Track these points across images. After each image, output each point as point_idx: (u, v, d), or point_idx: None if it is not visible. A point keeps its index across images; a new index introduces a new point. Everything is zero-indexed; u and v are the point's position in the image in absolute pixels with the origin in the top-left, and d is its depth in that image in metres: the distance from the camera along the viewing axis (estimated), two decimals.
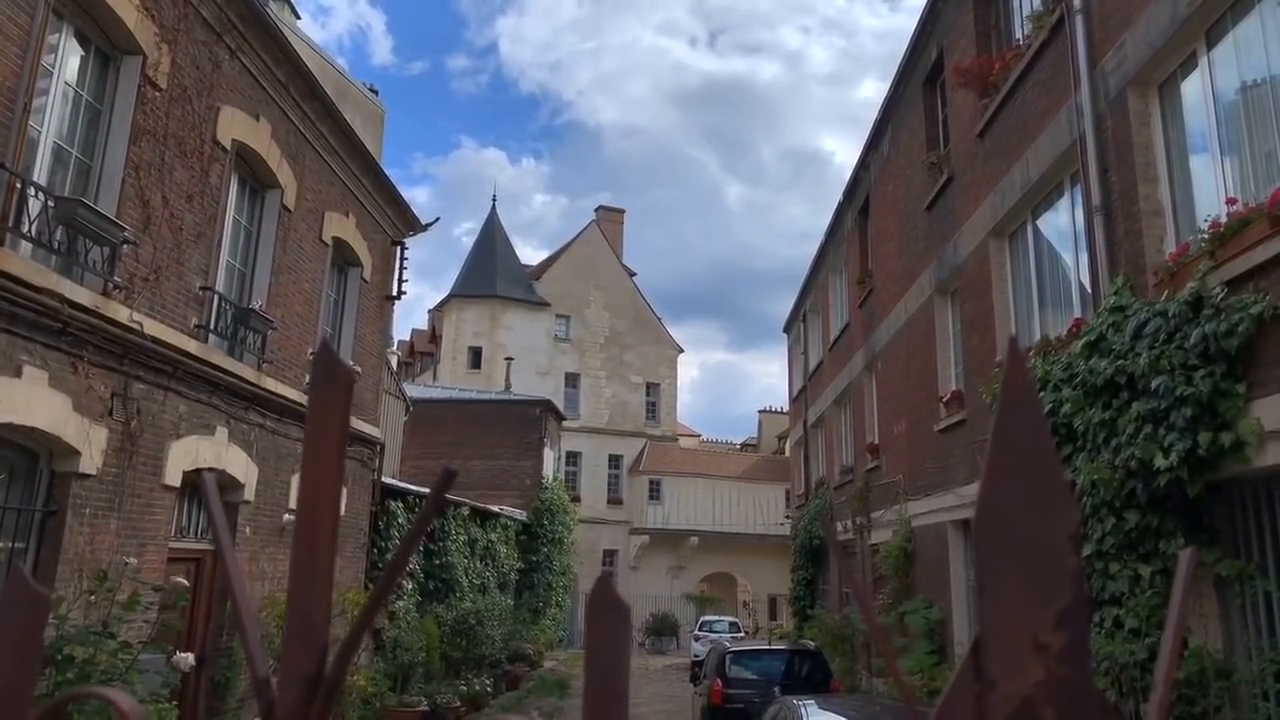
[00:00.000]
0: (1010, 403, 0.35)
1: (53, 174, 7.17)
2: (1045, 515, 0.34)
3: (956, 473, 11.64)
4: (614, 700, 0.37)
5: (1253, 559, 5.98)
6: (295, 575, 0.42)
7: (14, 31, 6.31)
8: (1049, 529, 0.34)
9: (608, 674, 0.38)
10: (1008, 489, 0.34)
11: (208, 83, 8.83)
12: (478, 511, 19.73)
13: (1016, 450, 0.34)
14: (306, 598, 0.40)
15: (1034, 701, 0.34)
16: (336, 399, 0.39)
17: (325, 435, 0.39)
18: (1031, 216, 9.92)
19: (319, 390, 0.40)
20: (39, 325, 6.52)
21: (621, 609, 0.39)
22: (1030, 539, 0.34)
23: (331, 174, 12.06)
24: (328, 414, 0.39)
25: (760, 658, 12.31)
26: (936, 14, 12.83)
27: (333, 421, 0.39)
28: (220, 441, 9.18)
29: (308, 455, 0.40)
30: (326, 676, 0.38)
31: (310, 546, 0.39)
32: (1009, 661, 0.35)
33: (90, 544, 7.09)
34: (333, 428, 0.39)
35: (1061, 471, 0.35)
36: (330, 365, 0.40)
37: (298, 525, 0.43)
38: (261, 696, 0.40)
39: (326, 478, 0.39)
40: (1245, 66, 6.22)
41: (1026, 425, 0.34)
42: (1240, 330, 5.59)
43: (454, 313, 38.26)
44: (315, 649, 0.38)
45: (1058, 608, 0.34)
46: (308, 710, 0.38)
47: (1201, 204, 6.72)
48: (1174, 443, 5.97)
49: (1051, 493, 0.34)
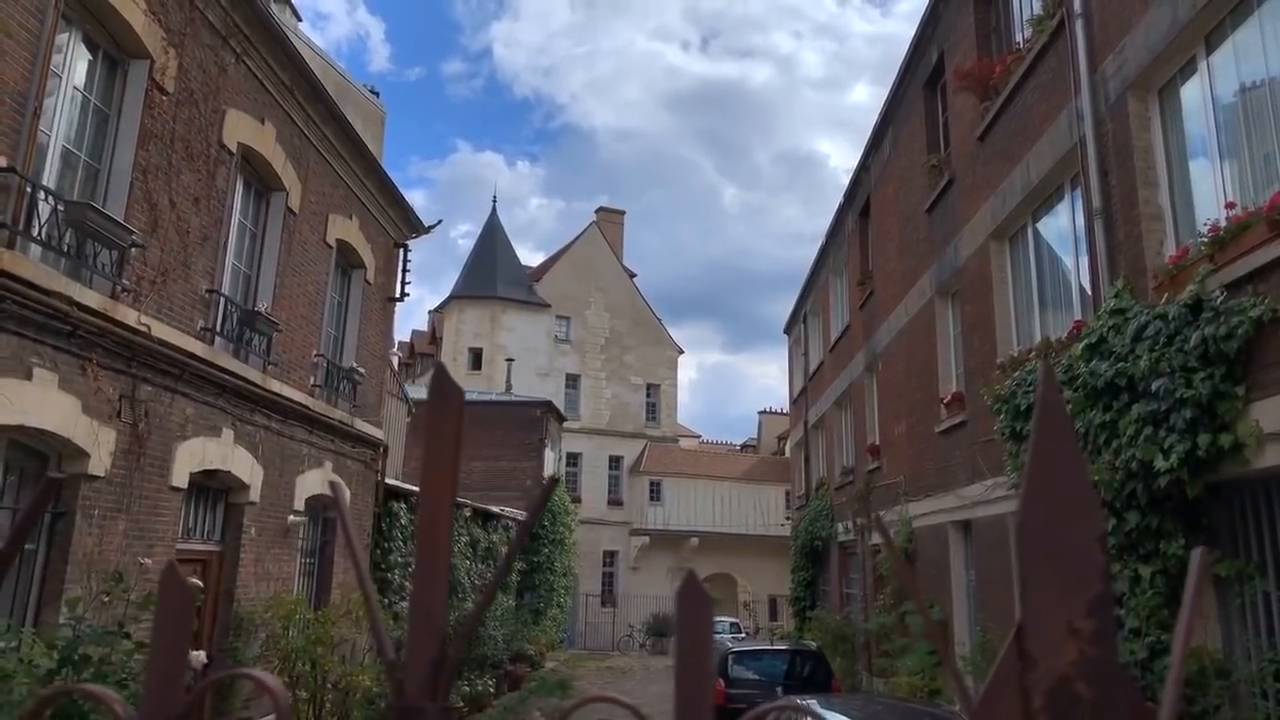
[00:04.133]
0: (1045, 420, 0.41)
1: (62, 178, 7.23)
2: (1077, 520, 0.40)
3: (957, 474, 11.70)
4: (701, 675, 0.42)
5: (1252, 559, 6.04)
6: (421, 573, 0.47)
7: (23, 36, 6.37)
8: (1080, 531, 0.39)
9: (695, 654, 0.43)
10: (1045, 497, 0.40)
11: (214, 86, 8.89)
12: (479, 513, 19.79)
13: (1052, 463, 0.40)
14: (429, 592, 0.45)
15: (1070, 678, 0.40)
16: (450, 416, 0.45)
17: (442, 449, 0.45)
18: (1032, 219, 9.99)
19: (435, 410, 0.45)
20: (48, 328, 6.58)
21: (706, 602, 0.45)
22: (1064, 540, 0.39)
23: (335, 176, 12.12)
24: (444, 430, 0.45)
25: (762, 658, 12.37)
26: (937, 17, 12.90)
27: (448, 436, 0.45)
28: (226, 443, 9.23)
29: (426, 467, 0.46)
30: (448, 657, 0.43)
31: (431, 548, 0.45)
32: (1047, 644, 0.40)
33: (99, 545, 7.14)
34: (448, 442, 0.45)
35: (1090, 482, 0.41)
36: (444, 386, 0.46)
37: (420, 531, 0.48)
38: (393, 676, 0.45)
39: (443, 487, 0.45)
40: (1245, 71, 6.29)
41: (1060, 440, 0.40)
42: (1239, 333, 5.66)
43: (454, 314, 38.32)
44: (437, 635, 0.43)
45: (1088, 597, 0.39)
46: (435, 686, 0.43)
47: (1201, 208, 6.79)
48: (1174, 444, 6.04)
49: (1082, 500, 0.40)
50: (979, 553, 11.16)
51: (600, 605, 36.26)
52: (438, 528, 0.44)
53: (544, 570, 26.63)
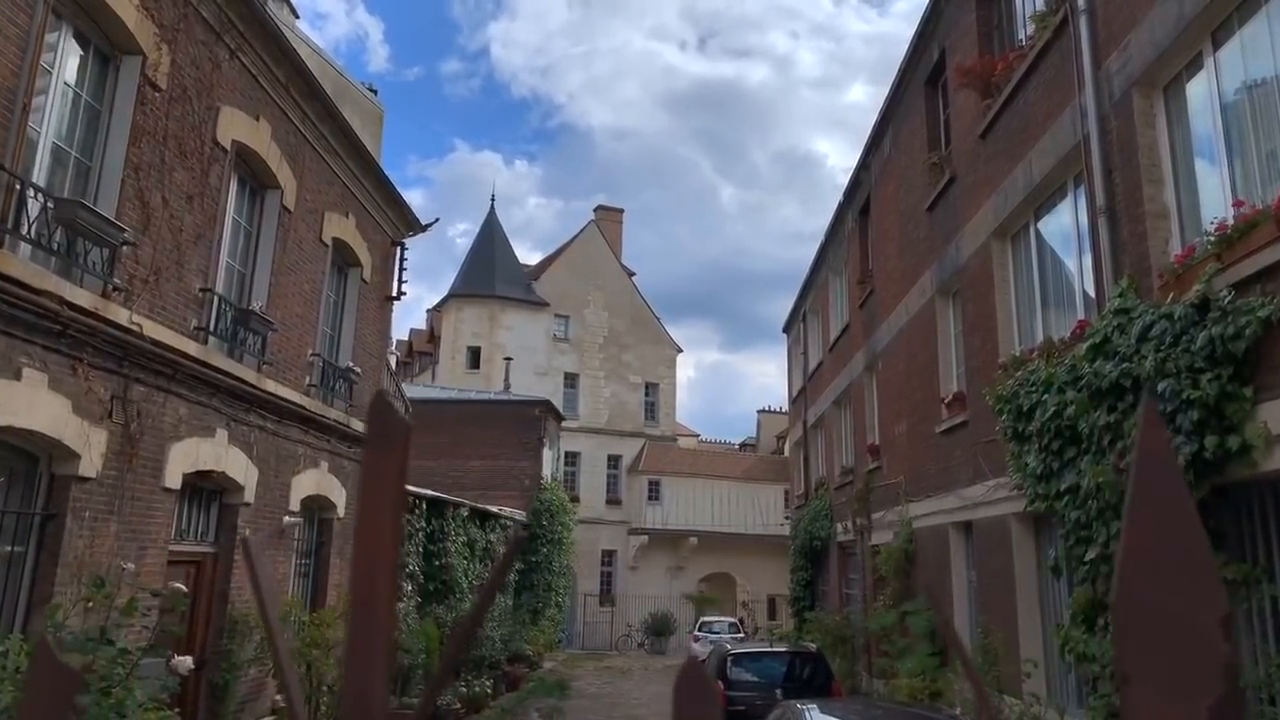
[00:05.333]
0: (1148, 476, 0.32)
1: (52, 175, 7.12)
2: (1193, 598, 0.31)
3: (959, 474, 11.60)
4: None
5: (1259, 563, 5.95)
6: (352, 651, 0.38)
7: (13, 31, 6.26)
8: (1198, 613, 0.30)
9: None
10: (1150, 570, 0.31)
11: (207, 83, 8.78)
12: (477, 512, 19.67)
13: (1159, 528, 0.31)
14: (364, 677, 0.36)
15: None
16: (392, 459, 0.36)
17: (380, 498, 0.35)
18: (1034, 218, 9.89)
19: (373, 450, 0.36)
20: (38, 327, 6.48)
21: (711, 696, 0.36)
22: (1178, 624, 0.30)
23: (331, 174, 12.01)
24: (383, 474, 0.36)
25: (761, 660, 12.27)
26: (938, 14, 12.80)
27: (389, 482, 0.36)
28: (220, 443, 9.13)
29: (362, 519, 0.36)
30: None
31: (368, 618, 0.35)
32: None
33: (90, 547, 7.04)
34: (389, 489, 0.36)
35: (1209, 549, 0.32)
36: (385, 421, 0.36)
37: (353, 595, 0.39)
38: None
39: (383, 543, 0.35)
40: (1252, 67, 6.19)
41: (1168, 500, 0.31)
42: (1247, 333, 5.56)
43: (453, 313, 38.19)
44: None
45: (1209, 702, 0.30)
46: None
47: (1207, 206, 6.69)
48: (1180, 446, 5.94)
49: (1199, 574, 0.31)
50: (980, 554, 11.07)
51: (599, 605, 36.17)
52: (376, 593, 0.35)
53: (542, 570, 26.52)
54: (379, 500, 0.35)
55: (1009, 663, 9.33)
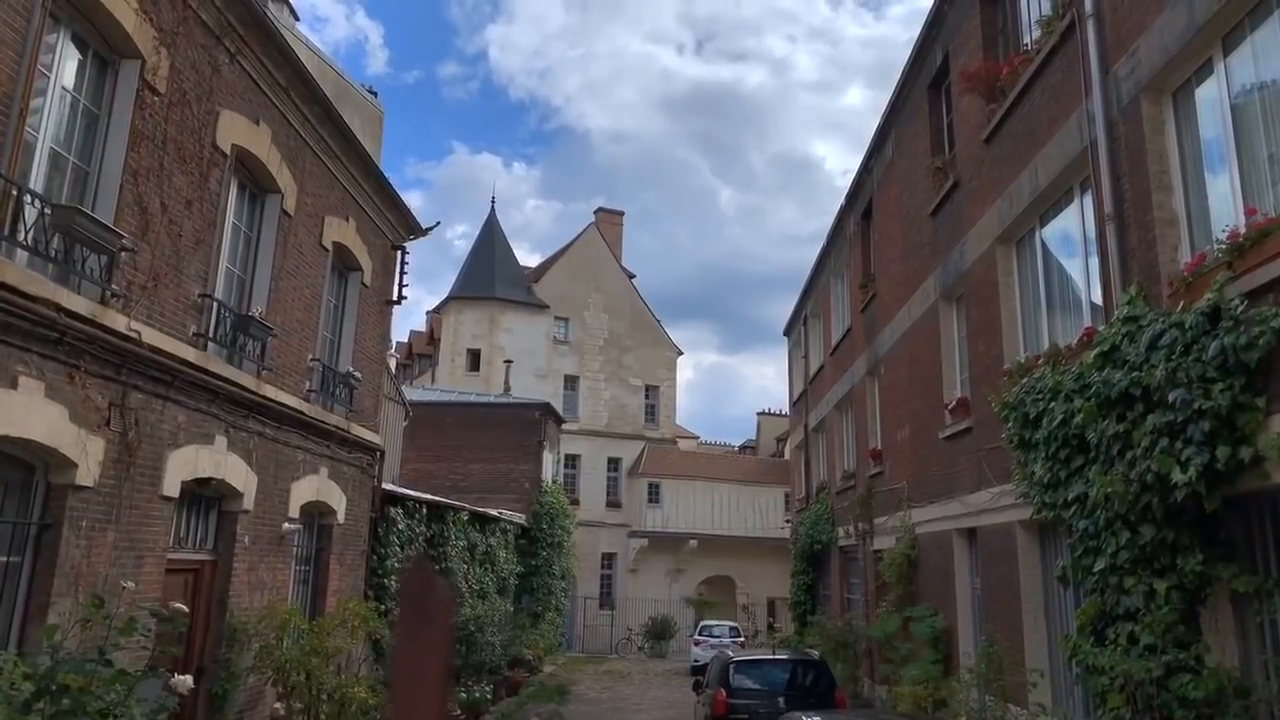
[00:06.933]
0: None
1: (49, 180, 7.04)
2: None
3: (962, 481, 11.53)
4: None
5: (1270, 575, 5.87)
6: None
7: (10, 35, 6.18)
8: None
9: None
10: None
11: (207, 87, 8.70)
12: (477, 516, 19.59)
13: None
14: None
15: None
16: (435, 639, 0.28)
17: (422, 681, 0.28)
18: (1040, 223, 9.82)
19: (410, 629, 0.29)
20: (35, 335, 6.39)
21: None
22: None
23: (331, 178, 11.93)
24: (424, 656, 0.28)
25: (764, 667, 12.19)
26: (942, 18, 12.73)
27: (432, 665, 0.28)
28: (219, 450, 9.05)
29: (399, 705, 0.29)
30: None
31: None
32: None
33: (87, 557, 6.96)
34: (432, 671, 0.28)
35: None
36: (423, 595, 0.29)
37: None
38: None
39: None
40: (1264, 73, 6.11)
41: None
42: (1260, 343, 5.49)
43: (453, 315, 38.13)
44: None
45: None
46: None
47: (1217, 213, 6.62)
48: (1191, 457, 5.86)
49: None
50: (984, 561, 10.99)
51: (599, 608, 36.11)
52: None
53: (542, 573, 26.43)
54: (421, 681, 0.28)
55: (1015, 672, 9.25)
